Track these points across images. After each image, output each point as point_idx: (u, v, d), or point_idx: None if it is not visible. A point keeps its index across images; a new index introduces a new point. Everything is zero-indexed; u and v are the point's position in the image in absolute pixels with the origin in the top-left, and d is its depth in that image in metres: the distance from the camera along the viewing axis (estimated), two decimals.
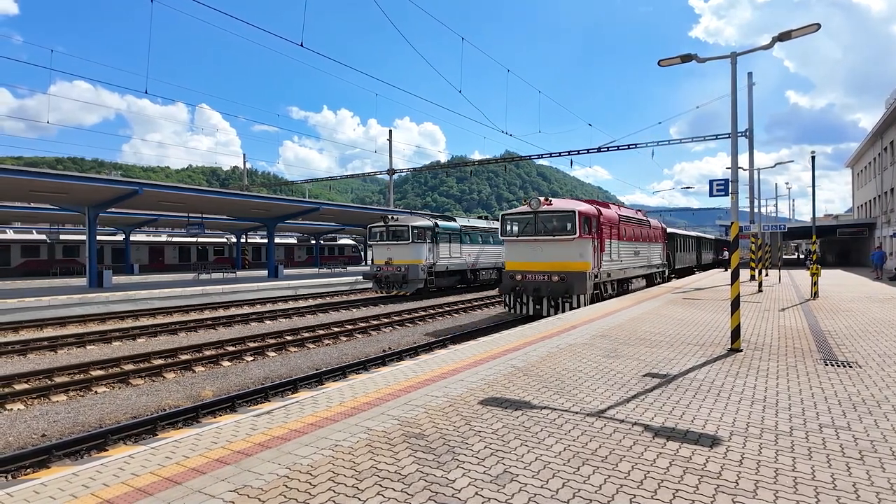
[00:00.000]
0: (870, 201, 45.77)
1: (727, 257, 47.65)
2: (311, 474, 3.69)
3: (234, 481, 3.59)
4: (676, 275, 30.19)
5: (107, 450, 6.47)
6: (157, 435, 6.95)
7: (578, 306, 14.40)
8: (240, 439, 4.42)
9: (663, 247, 24.49)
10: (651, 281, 22.66)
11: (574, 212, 14.66)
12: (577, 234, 14.38)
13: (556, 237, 14.86)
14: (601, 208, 16.42)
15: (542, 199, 15.48)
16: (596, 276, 15.19)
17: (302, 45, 11.55)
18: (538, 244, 15.18)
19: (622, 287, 18.65)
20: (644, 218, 22.03)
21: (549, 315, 14.48)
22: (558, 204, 15.54)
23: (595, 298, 15.40)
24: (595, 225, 15.26)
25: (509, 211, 16.45)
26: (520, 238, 15.55)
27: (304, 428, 4.67)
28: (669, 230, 28.66)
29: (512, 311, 15.85)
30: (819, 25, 7.78)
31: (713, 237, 54.15)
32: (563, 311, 14.41)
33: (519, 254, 15.65)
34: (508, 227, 16.05)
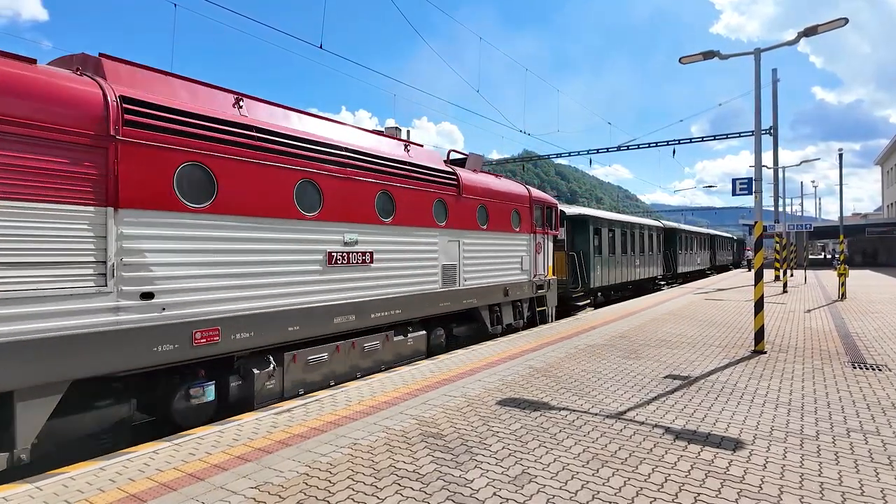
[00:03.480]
0: None
1: (742, 259, 45.07)
2: (330, 472, 3.73)
3: (256, 478, 3.64)
4: (611, 295, 17.80)
5: (131, 445, 6.61)
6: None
7: None
8: (261, 437, 4.49)
9: (547, 248, 11.75)
10: (478, 328, 9.69)
11: None
12: None
13: None
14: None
15: None
16: None
17: (321, 47, 11.65)
18: None
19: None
20: (427, 170, 8.21)
21: None
22: None
23: None
24: None
25: None
26: None
27: (323, 426, 4.72)
28: (580, 211, 16.00)
29: None
30: (847, 20, 7.58)
31: (715, 233, 38.62)
32: None
33: None
34: None
